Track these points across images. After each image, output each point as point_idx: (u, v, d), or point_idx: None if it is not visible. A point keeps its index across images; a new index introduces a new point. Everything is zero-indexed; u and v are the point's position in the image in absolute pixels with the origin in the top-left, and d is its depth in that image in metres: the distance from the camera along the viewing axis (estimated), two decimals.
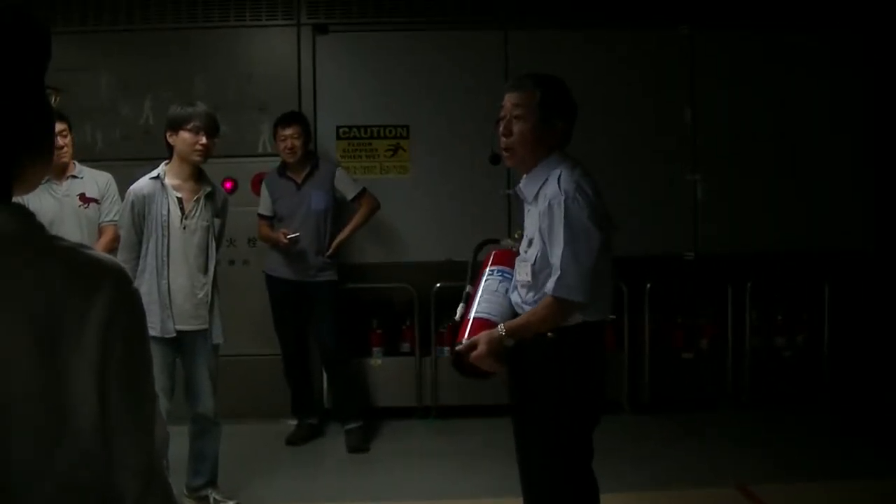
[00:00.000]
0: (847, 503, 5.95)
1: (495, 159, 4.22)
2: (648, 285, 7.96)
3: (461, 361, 3.95)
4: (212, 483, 5.85)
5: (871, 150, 8.36)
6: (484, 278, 4.20)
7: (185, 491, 5.78)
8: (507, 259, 4.22)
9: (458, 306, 4.21)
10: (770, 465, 6.73)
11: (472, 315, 4.05)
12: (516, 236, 4.33)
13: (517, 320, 3.94)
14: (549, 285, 3.81)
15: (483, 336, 3.86)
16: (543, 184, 3.96)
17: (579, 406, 4.03)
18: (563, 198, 3.82)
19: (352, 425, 7.33)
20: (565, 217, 3.79)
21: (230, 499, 5.87)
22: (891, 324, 8.18)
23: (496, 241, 4.58)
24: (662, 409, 8.02)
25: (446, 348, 7.93)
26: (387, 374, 8.05)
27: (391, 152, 8.09)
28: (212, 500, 5.81)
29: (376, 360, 8.03)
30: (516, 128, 4.01)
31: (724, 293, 8.14)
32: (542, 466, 4.07)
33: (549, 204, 3.86)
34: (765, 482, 6.28)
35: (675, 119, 8.20)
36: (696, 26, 8.16)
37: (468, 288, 4.23)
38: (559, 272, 3.77)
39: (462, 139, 7.95)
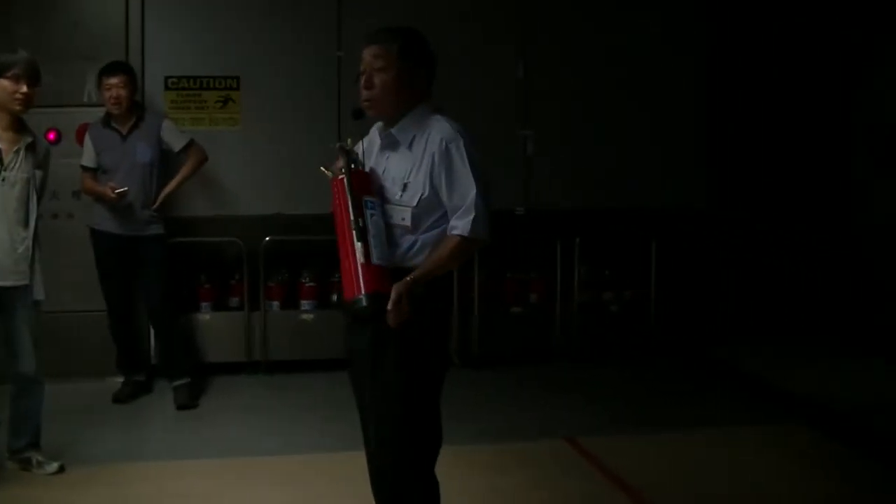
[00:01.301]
0: (670, 453, 6.10)
1: (358, 114, 4.12)
2: None
3: (371, 308, 3.81)
4: (34, 444, 5.67)
5: (703, 108, 8.58)
6: (367, 212, 3.87)
7: (6, 453, 5.63)
8: (369, 185, 3.97)
9: (356, 244, 3.73)
10: (597, 417, 6.89)
11: (373, 259, 3.77)
12: (341, 145, 4.13)
13: (424, 268, 3.81)
14: (464, 226, 3.76)
15: (401, 290, 3.71)
16: (421, 130, 3.92)
17: (441, 356, 4.04)
18: (462, 141, 3.82)
19: (180, 382, 7.22)
20: (469, 159, 3.80)
21: (54, 460, 5.70)
22: (718, 279, 8.44)
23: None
24: (492, 364, 8.13)
25: (276, 302, 7.98)
26: (215, 329, 7.96)
27: (221, 104, 7.95)
28: (34, 461, 5.64)
29: (205, 316, 7.95)
30: (378, 79, 3.94)
31: (554, 248, 8.26)
32: (399, 418, 4.00)
33: (447, 147, 3.81)
34: (592, 434, 6.42)
35: (508, 73, 8.26)
36: None
37: (360, 221, 3.81)
38: (473, 213, 3.75)
39: (293, 91, 7.95)
